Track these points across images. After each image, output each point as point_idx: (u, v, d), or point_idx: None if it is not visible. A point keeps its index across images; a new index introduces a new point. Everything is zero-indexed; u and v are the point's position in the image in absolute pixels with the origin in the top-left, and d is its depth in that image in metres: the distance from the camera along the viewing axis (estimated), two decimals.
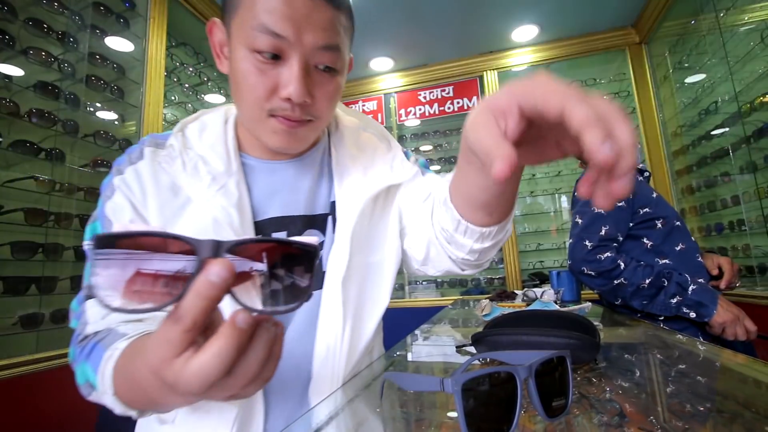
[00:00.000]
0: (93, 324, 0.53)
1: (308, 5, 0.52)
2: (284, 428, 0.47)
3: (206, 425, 0.56)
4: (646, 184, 1.48)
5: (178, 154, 0.62)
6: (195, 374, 0.27)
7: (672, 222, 1.37)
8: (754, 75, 2.07)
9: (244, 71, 0.55)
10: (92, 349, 0.50)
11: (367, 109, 3.73)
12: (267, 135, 0.59)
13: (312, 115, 0.58)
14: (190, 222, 0.59)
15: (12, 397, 1.39)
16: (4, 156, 1.62)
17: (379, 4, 2.69)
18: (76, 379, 0.51)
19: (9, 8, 1.64)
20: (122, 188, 0.60)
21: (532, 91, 0.31)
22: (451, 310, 1.73)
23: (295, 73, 0.53)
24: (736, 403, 0.50)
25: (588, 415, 0.45)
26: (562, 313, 0.77)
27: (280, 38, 0.52)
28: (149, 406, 0.42)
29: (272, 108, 0.56)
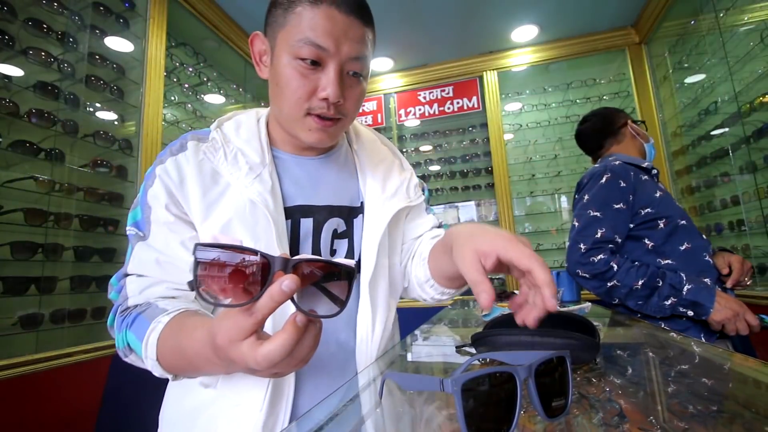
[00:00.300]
0: (132, 297, 0.63)
1: (346, 23, 0.63)
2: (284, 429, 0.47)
3: (245, 387, 0.65)
4: (652, 182, 1.44)
5: (220, 145, 0.70)
6: (264, 356, 0.38)
7: (675, 221, 1.35)
8: (753, 75, 2.07)
9: (288, 76, 0.65)
10: (134, 318, 0.60)
11: (367, 109, 3.73)
12: (304, 132, 0.69)
13: (342, 113, 0.69)
14: (230, 204, 0.67)
15: (12, 397, 1.39)
16: (3, 156, 1.62)
17: (379, 4, 2.69)
18: (116, 343, 0.62)
19: (9, 8, 1.64)
20: (162, 176, 0.67)
21: (509, 248, 0.50)
22: (450, 310, 1.73)
23: (332, 78, 0.64)
24: (736, 403, 0.50)
25: (588, 415, 0.45)
26: (562, 313, 0.77)
27: (322, 50, 0.63)
28: (187, 372, 0.55)
29: (311, 107, 0.66)
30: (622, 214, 1.36)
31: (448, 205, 3.56)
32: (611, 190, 1.38)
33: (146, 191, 0.68)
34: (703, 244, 1.35)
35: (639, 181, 1.41)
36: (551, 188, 3.35)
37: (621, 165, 1.42)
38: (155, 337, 0.55)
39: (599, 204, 1.38)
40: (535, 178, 3.39)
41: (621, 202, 1.36)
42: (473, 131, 3.57)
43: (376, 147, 0.88)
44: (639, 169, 1.45)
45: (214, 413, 0.66)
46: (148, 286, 0.63)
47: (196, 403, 0.68)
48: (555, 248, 3.27)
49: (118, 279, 0.67)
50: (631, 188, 1.38)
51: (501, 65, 3.41)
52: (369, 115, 3.72)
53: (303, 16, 0.63)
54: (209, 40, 2.67)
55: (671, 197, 1.44)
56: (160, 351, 0.54)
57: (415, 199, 0.84)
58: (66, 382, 1.54)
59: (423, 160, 3.66)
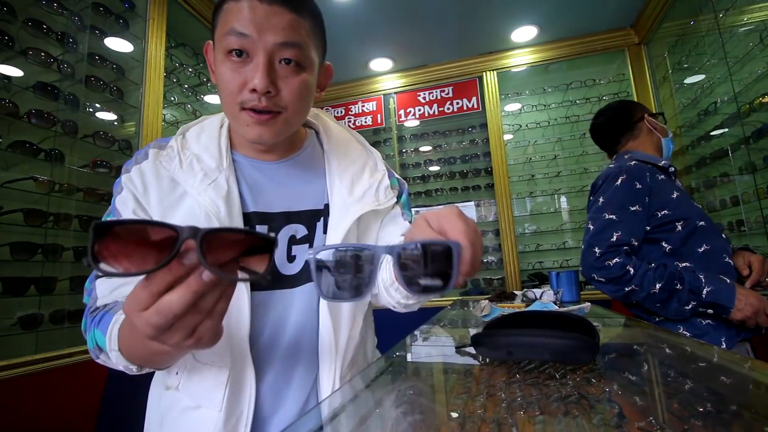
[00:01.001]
0: (102, 298, 0.63)
1: (268, 10, 0.62)
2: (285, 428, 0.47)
3: (203, 387, 0.66)
4: (670, 182, 1.39)
5: (176, 153, 0.70)
6: (163, 305, 0.36)
7: (694, 223, 1.31)
8: (753, 76, 2.07)
9: (221, 73, 0.65)
10: (102, 316, 0.60)
11: (367, 110, 3.73)
12: (242, 128, 0.67)
13: (279, 106, 0.66)
14: (186, 212, 0.68)
15: (12, 398, 1.39)
16: (3, 157, 1.62)
17: (379, 4, 2.70)
18: (88, 345, 0.62)
19: (8, 9, 1.64)
20: (128, 185, 0.69)
21: (448, 219, 0.49)
22: (450, 310, 1.73)
23: (258, 66, 0.62)
24: (736, 404, 0.50)
25: (588, 416, 0.45)
26: (561, 314, 0.77)
27: (245, 37, 0.62)
28: (145, 360, 0.54)
29: (242, 101, 0.64)
30: (639, 217, 1.32)
31: (447, 205, 3.56)
32: (627, 192, 1.35)
33: (115, 198, 0.70)
34: (722, 245, 1.31)
35: (656, 181, 1.36)
36: (551, 189, 3.35)
37: (637, 165, 1.39)
38: (117, 327, 0.55)
39: (615, 206, 1.35)
40: (534, 178, 3.39)
41: (637, 204, 1.33)
42: (473, 132, 3.58)
43: (350, 147, 0.85)
44: (656, 168, 1.41)
45: (177, 415, 0.68)
46: (117, 286, 0.64)
47: (166, 404, 0.70)
48: (555, 249, 3.27)
49: (90, 281, 0.68)
50: (647, 190, 1.34)
51: (500, 66, 3.41)
52: (369, 115, 3.72)
53: (228, 11, 0.64)
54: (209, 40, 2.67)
55: (688, 196, 1.40)
56: (121, 341, 0.54)
57: (384, 202, 0.80)
58: (66, 383, 1.54)
59: (423, 160, 3.66)
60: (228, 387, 0.65)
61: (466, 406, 0.51)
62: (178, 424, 0.67)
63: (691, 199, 1.40)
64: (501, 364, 0.68)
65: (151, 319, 0.36)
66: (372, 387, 0.63)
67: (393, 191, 0.84)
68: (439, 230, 0.48)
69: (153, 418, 0.73)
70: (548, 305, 1.16)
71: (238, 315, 0.67)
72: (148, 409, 0.75)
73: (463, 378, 0.65)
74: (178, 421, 0.68)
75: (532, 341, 0.67)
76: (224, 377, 0.65)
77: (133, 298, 0.37)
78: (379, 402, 0.58)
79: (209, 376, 0.66)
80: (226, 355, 0.66)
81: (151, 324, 0.37)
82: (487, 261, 3.36)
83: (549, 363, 0.66)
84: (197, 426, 0.65)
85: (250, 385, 0.67)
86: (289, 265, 0.74)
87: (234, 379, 0.66)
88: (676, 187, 1.39)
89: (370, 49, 3.27)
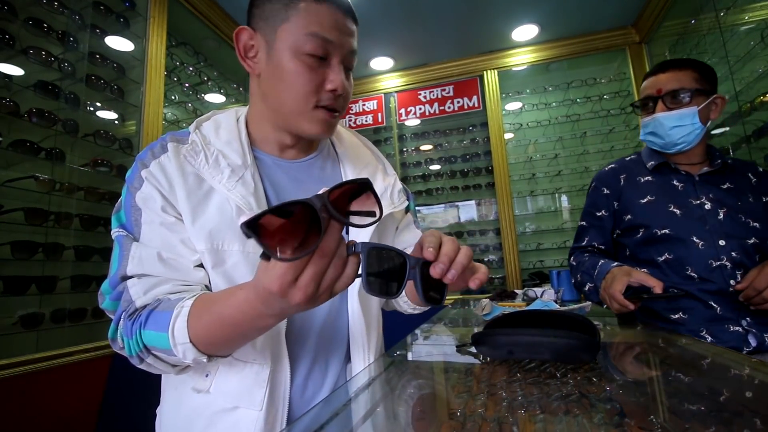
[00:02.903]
0: (138, 299, 0.61)
1: (344, 18, 0.69)
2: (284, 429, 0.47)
3: (242, 388, 0.65)
4: (653, 184, 1.29)
5: (201, 148, 0.69)
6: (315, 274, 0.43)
7: (653, 231, 1.22)
8: (754, 74, 2.07)
9: (294, 70, 0.67)
10: (148, 316, 0.59)
11: (368, 109, 3.72)
12: (310, 124, 0.70)
13: (342, 106, 0.72)
14: (216, 208, 0.67)
15: (12, 397, 1.39)
16: (4, 155, 1.62)
17: (379, 3, 2.69)
18: (127, 351, 0.61)
19: (9, 8, 1.64)
20: (150, 179, 0.66)
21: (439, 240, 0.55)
22: (451, 309, 1.73)
23: (338, 69, 0.68)
24: (736, 403, 0.50)
25: (588, 415, 0.45)
26: (562, 313, 0.77)
27: (329, 42, 0.67)
28: (227, 343, 0.57)
29: (320, 99, 0.68)
30: (604, 222, 1.36)
31: (448, 204, 3.56)
32: (594, 198, 1.40)
33: (132, 194, 0.66)
34: (693, 257, 1.17)
35: (631, 184, 1.32)
36: (551, 187, 3.35)
37: (610, 170, 1.39)
38: (183, 320, 0.56)
39: (585, 212, 1.43)
40: (535, 177, 3.38)
41: (603, 209, 1.36)
42: (473, 130, 3.57)
43: (360, 151, 0.88)
44: (658, 166, 1.31)
45: (211, 417, 0.65)
46: (153, 285, 0.62)
47: (191, 409, 0.67)
48: (555, 248, 3.27)
49: (112, 286, 0.64)
50: (617, 194, 1.34)
51: (501, 65, 3.41)
52: (369, 114, 3.72)
53: (308, 11, 0.66)
54: (209, 39, 2.67)
55: (665, 204, 1.24)
56: (193, 331, 0.55)
57: (399, 205, 0.84)
58: (66, 382, 1.54)
59: (423, 159, 3.66)
60: (269, 385, 0.65)
61: (466, 405, 0.51)
62: (211, 428, 0.65)
63: (671, 203, 1.24)
64: (502, 363, 0.68)
65: (307, 287, 0.43)
66: (372, 386, 0.63)
67: (402, 194, 0.88)
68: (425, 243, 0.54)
69: (174, 424, 0.70)
70: (550, 304, 1.16)
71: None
72: (163, 416, 0.73)
73: (463, 377, 0.65)
74: (211, 425, 0.65)
75: (533, 340, 0.67)
76: (266, 375, 0.65)
77: (287, 274, 0.42)
78: (380, 401, 0.58)
79: (249, 375, 0.65)
80: (267, 353, 0.66)
81: (310, 281, 0.43)
82: (488, 260, 3.36)
83: (550, 362, 0.66)
84: (235, 427, 0.64)
85: (285, 381, 0.67)
86: None
87: (274, 376, 0.66)
88: (660, 189, 1.27)
89: (370, 48, 3.26)
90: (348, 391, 0.60)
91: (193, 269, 0.64)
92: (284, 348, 0.67)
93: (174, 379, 0.70)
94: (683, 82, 1.23)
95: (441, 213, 3.58)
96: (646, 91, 1.30)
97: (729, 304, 1.13)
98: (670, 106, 1.23)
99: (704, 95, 1.25)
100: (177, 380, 0.70)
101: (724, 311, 1.13)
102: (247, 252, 0.67)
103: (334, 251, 0.43)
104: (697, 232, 1.19)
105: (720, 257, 1.15)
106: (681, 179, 1.28)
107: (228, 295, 0.54)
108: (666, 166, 1.30)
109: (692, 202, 1.23)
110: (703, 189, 1.24)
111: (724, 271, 1.15)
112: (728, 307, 1.13)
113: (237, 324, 0.53)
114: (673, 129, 1.24)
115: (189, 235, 0.66)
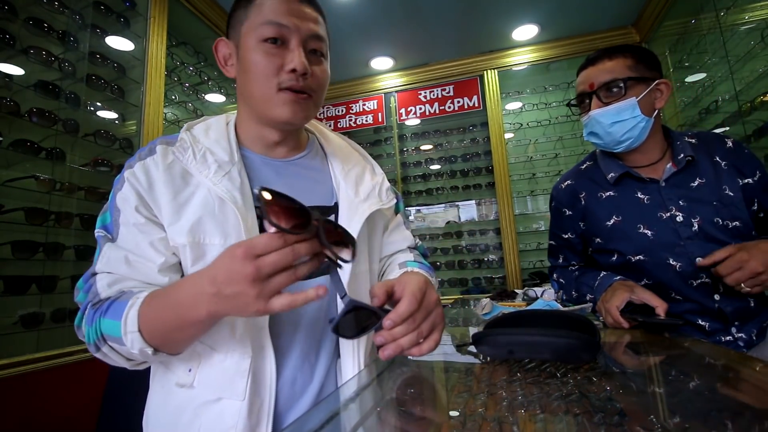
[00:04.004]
0: (103, 291, 0.64)
1: (300, 5, 0.73)
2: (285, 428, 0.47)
3: (224, 379, 0.65)
4: (616, 199, 1.16)
5: (189, 145, 0.72)
6: (295, 251, 0.48)
7: (627, 258, 1.13)
8: (754, 74, 2.07)
9: (255, 58, 0.71)
10: (109, 305, 0.62)
11: (368, 108, 3.72)
12: (278, 108, 0.72)
13: (311, 89, 0.73)
14: (199, 202, 0.68)
15: (12, 397, 1.39)
16: (4, 155, 1.62)
17: (380, 3, 2.69)
18: (86, 338, 0.63)
19: (9, 7, 1.64)
20: (131, 180, 0.69)
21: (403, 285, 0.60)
22: (451, 309, 1.73)
23: (296, 51, 0.70)
24: (736, 403, 0.50)
25: (588, 414, 0.45)
26: (562, 313, 0.77)
27: (283, 27, 0.70)
28: (171, 333, 0.58)
29: (281, 81, 0.70)
30: (574, 244, 1.28)
31: (448, 204, 3.56)
32: (557, 219, 1.31)
33: (115, 195, 0.70)
34: (672, 282, 1.08)
35: (593, 203, 1.19)
36: (551, 187, 3.34)
37: (567, 187, 1.26)
38: (136, 309, 0.58)
39: (552, 232, 1.34)
40: (535, 177, 3.38)
41: (569, 231, 1.27)
42: (474, 130, 3.57)
43: (347, 152, 0.90)
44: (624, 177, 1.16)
45: (195, 410, 0.66)
46: (118, 280, 0.65)
47: (176, 404, 0.68)
48: None
49: (85, 280, 0.68)
50: (579, 215, 1.23)
51: (501, 64, 3.41)
52: (369, 114, 3.71)
53: (263, 3, 0.71)
54: (209, 39, 2.66)
55: (642, 218, 1.12)
56: (143, 319, 0.58)
57: (387, 202, 0.85)
58: (67, 382, 1.54)
59: (424, 159, 3.66)
60: (250, 375, 0.65)
61: (467, 404, 0.51)
62: (196, 421, 0.65)
63: (635, 231, 1.12)
64: (502, 363, 0.68)
65: (274, 259, 0.47)
66: (372, 385, 0.63)
67: (390, 192, 0.90)
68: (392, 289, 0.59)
69: (160, 421, 0.70)
70: (552, 303, 1.16)
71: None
72: (149, 414, 0.73)
73: (464, 376, 0.65)
74: (196, 418, 0.65)
75: (533, 340, 0.67)
76: (246, 365, 0.65)
77: (257, 246, 0.48)
78: (380, 400, 0.58)
79: (230, 366, 0.66)
80: (247, 342, 0.66)
81: (271, 262, 0.47)
82: (488, 260, 3.37)
83: (550, 362, 0.66)
84: (219, 418, 0.64)
85: (271, 371, 0.67)
86: None
87: (256, 366, 0.66)
88: (621, 208, 1.15)
89: (371, 48, 3.26)
90: (348, 390, 0.60)
91: (155, 274, 0.65)
92: (267, 338, 0.68)
93: (159, 375, 0.72)
94: (615, 72, 1.09)
95: (441, 213, 3.58)
96: (579, 87, 1.17)
97: (716, 317, 1.07)
98: (606, 101, 1.10)
99: (643, 83, 1.09)
100: (162, 377, 0.71)
101: (713, 325, 1.07)
102: (227, 246, 0.66)
103: (302, 256, 0.49)
104: (672, 252, 1.08)
105: (699, 276, 1.06)
106: (646, 190, 1.13)
107: (181, 282, 0.57)
108: (627, 176, 1.16)
109: (662, 216, 1.10)
110: (671, 197, 1.10)
111: (706, 288, 1.06)
112: (716, 320, 1.07)
113: (176, 306, 0.55)
114: (613, 126, 1.10)
115: (164, 235, 0.67)
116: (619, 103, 1.08)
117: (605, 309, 1.00)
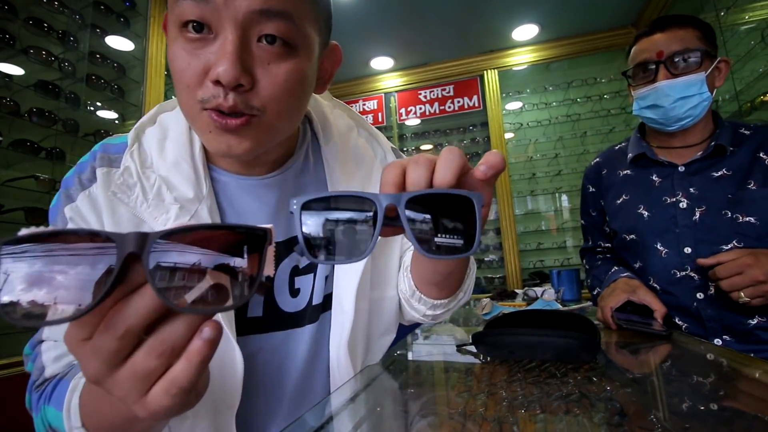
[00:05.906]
0: (49, 367, 0.49)
1: None
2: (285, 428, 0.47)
3: None
4: (632, 179, 1.15)
5: (136, 179, 0.52)
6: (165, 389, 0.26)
7: (621, 236, 1.13)
8: (754, 74, 2.07)
9: (173, 55, 0.46)
10: (54, 387, 0.46)
11: (368, 108, 3.72)
12: (204, 136, 0.48)
13: (252, 107, 0.45)
14: None
15: (12, 397, 1.39)
16: (4, 155, 1.62)
17: (380, 3, 2.69)
18: (35, 429, 0.47)
19: (9, 7, 1.64)
20: (76, 220, 0.51)
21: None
22: None
23: (226, 47, 0.42)
24: (737, 403, 0.50)
25: (589, 414, 0.45)
26: (562, 313, 0.77)
27: (205, 3, 0.42)
28: (119, 430, 0.37)
29: (203, 98, 0.44)
30: (596, 221, 1.28)
31: None
32: (584, 197, 1.31)
33: None
34: (658, 266, 1.05)
35: (610, 181, 1.20)
36: (551, 187, 3.35)
37: (595, 164, 1.28)
38: (77, 395, 0.41)
39: (582, 210, 1.34)
40: (535, 177, 3.38)
41: (591, 208, 1.28)
42: (474, 130, 3.57)
43: (351, 144, 0.68)
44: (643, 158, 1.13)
45: None
46: (67, 352, 0.49)
47: None
48: (555, 247, 3.27)
49: (31, 347, 0.52)
50: (600, 192, 1.24)
51: (501, 64, 3.41)
52: (369, 114, 3.72)
53: None
54: None
55: (646, 199, 1.10)
56: (84, 411, 0.40)
57: None
58: None
59: None
60: None
61: (467, 404, 0.51)
62: None
63: (635, 211, 1.11)
64: (502, 363, 0.68)
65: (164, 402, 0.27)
66: (372, 386, 0.63)
67: None
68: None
69: None
70: (552, 303, 1.16)
71: (221, 374, 0.51)
72: None
73: (464, 376, 0.65)
74: None
75: (533, 340, 0.67)
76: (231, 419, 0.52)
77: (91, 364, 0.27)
78: (380, 401, 0.58)
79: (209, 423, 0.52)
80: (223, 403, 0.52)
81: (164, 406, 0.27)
82: (488, 259, 3.36)
83: (550, 362, 0.66)
84: None
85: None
86: (293, 300, 0.61)
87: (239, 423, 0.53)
88: (634, 187, 1.13)
89: (371, 48, 3.26)
90: (349, 391, 0.60)
91: None
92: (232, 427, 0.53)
93: None
94: (687, 42, 0.99)
95: None
96: (642, 54, 1.04)
97: (697, 320, 1.00)
98: (675, 73, 1.00)
99: (710, 58, 1.01)
100: None
101: (693, 328, 1.00)
102: None
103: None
104: (662, 237, 1.04)
105: (684, 267, 1.00)
106: (661, 172, 1.09)
107: None
108: (645, 157, 1.12)
109: (666, 200, 1.06)
110: (683, 183, 1.04)
111: (690, 282, 1.00)
112: (696, 323, 1.00)
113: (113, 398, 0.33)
114: (678, 101, 1.00)
115: None
116: (690, 77, 0.99)
117: (600, 306, 0.99)
